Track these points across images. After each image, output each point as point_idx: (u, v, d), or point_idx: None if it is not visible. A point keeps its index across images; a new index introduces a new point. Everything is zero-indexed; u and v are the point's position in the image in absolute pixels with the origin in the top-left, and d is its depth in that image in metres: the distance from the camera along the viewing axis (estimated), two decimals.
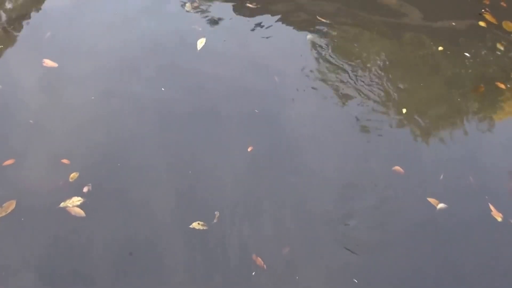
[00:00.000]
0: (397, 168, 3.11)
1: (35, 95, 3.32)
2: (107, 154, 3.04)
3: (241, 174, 2.99)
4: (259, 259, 2.65)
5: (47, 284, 2.52)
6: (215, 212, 2.80)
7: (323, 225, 2.82)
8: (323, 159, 3.14)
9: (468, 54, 3.90)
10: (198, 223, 2.73)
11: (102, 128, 3.17)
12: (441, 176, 3.09)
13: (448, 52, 3.91)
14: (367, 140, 3.29)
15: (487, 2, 4.33)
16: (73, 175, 2.88)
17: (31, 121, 3.11)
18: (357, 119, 3.38)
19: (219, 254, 2.65)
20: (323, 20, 4.07)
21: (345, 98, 3.53)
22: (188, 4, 4.04)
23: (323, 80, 3.64)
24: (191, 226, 2.73)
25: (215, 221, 2.77)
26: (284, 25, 4.06)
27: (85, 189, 2.80)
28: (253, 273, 2.59)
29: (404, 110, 3.49)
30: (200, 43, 3.70)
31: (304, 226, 2.81)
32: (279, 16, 4.10)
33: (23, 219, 2.70)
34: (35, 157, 2.96)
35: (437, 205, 2.95)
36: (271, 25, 4.03)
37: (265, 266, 2.64)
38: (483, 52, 3.96)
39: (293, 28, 4.04)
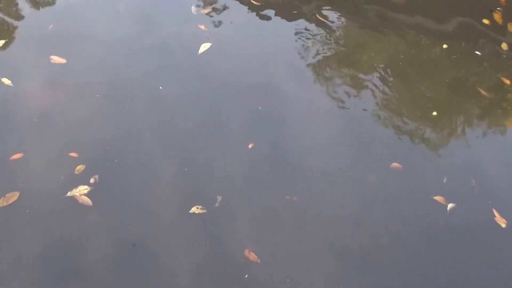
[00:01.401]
0: (395, 165, 3.15)
1: (45, 91, 3.44)
2: (112, 148, 3.15)
3: (240, 170, 3.10)
4: (252, 253, 2.74)
5: (49, 275, 2.63)
6: (218, 197, 2.93)
7: (322, 227, 2.88)
8: (327, 157, 3.20)
9: (479, 52, 3.90)
10: (197, 207, 2.87)
11: (107, 123, 3.30)
12: (444, 180, 3.13)
13: (452, 50, 3.92)
14: (370, 139, 3.33)
15: (504, 3, 4.30)
16: (79, 168, 3.00)
17: (35, 119, 3.23)
18: (360, 119, 3.44)
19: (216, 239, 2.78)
20: (327, 20, 4.11)
21: (348, 97, 3.59)
22: (193, 7, 4.13)
23: (327, 79, 3.71)
24: (190, 211, 2.86)
25: (216, 205, 2.89)
26: (287, 22, 4.13)
27: (91, 180, 2.93)
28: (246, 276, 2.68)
29: (408, 111, 3.55)
30: (204, 47, 3.78)
31: (303, 227, 2.86)
32: (282, 14, 4.15)
33: (28, 210, 2.82)
34: (43, 151, 3.09)
35: (447, 205, 2.99)
36: (275, 22, 4.12)
37: (259, 260, 2.73)
38: (488, 52, 3.96)
39: (297, 26, 4.09)
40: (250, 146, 3.22)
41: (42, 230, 2.77)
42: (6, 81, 3.45)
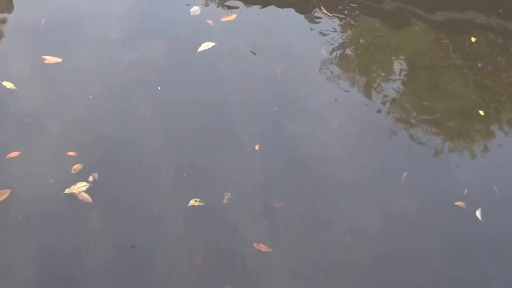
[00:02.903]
0: (407, 174, 3.09)
1: (41, 91, 3.47)
2: (110, 147, 3.18)
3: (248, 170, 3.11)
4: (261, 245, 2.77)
5: (46, 274, 2.66)
6: (226, 193, 2.95)
7: (335, 238, 2.85)
8: (344, 163, 3.18)
9: None
10: (195, 200, 2.92)
11: (105, 122, 3.32)
12: (465, 191, 3.07)
13: (481, 44, 3.85)
14: (386, 143, 3.31)
15: None
16: (77, 167, 3.02)
17: (27, 119, 3.26)
18: (380, 120, 3.42)
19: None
20: (345, 16, 4.06)
21: (367, 96, 3.58)
22: (195, 8, 4.12)
23: (345, 79, 3.70)
24: (189, 204, 2.90)
25: (225, 201, 2.92)
26: (300, 18, 4.13)
27: (90, 178, 2.96)
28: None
29: (433, 113, 3.48)
30: (206, 45, 3.79)
31: (314, 233, 2.85)
32: (295, 8, 4.16)
33: (18, 207, 2.85)
34: (39, 150, 3.12)
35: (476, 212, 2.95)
36: (286, 18, 4.12)
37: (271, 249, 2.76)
38: None
39: (311, 23, 4.08)
40: (256, 147, 3.23)
41: (34, 228, 2.80)
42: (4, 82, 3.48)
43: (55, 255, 2.70)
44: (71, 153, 3.09)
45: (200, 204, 2.91)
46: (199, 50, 3.77)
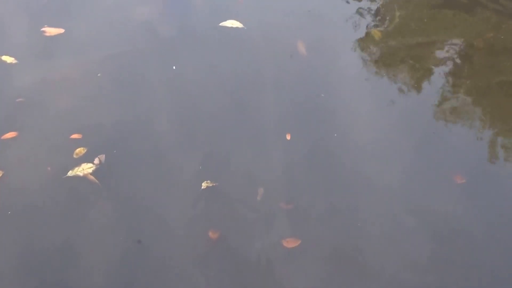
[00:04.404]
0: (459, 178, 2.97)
1: (43, 67, 3.36)
2: (120, 130, 3.08)
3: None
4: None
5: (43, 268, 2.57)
6: (259, 189, 2.84)
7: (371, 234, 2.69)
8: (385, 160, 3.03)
9: None
10: (207, 182, 2.84)
11: (112, 102, 3.23)
12: None
13: None
14: (429, 145, 3.13)
15: None
16: (79, 150, 2.94)
17: (20, 99, 3.16)
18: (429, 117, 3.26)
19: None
20: None
21: (416, 88, 3.46)
22: None
23: (391, 69, 3.58)
24: (202, 187, 2.83)
25: (258, 198, 2.81)
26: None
27: (96, 161, 2.88)
28: None
29: (489, 110, 3.34)
30: (231, 23, 3.68)
31: (350, 244, 2.68)
32: None
33: (10, 190, 2.78)
34: (39, 131, 3.05)
35: None
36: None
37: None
38: None
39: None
40: (288, 137, 3.10)
41: (27, 214, 2.72)
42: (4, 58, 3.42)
43: (48, 245, 2.61)
44: (75, 136, 3.00)
45: (213, 185, 2.83)
46: (220, 24, 3.68)
